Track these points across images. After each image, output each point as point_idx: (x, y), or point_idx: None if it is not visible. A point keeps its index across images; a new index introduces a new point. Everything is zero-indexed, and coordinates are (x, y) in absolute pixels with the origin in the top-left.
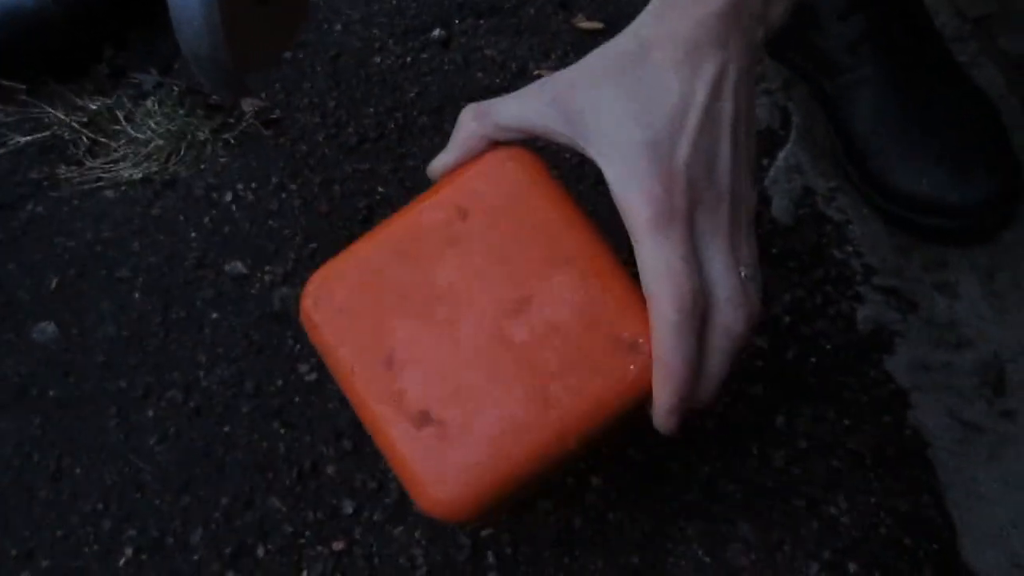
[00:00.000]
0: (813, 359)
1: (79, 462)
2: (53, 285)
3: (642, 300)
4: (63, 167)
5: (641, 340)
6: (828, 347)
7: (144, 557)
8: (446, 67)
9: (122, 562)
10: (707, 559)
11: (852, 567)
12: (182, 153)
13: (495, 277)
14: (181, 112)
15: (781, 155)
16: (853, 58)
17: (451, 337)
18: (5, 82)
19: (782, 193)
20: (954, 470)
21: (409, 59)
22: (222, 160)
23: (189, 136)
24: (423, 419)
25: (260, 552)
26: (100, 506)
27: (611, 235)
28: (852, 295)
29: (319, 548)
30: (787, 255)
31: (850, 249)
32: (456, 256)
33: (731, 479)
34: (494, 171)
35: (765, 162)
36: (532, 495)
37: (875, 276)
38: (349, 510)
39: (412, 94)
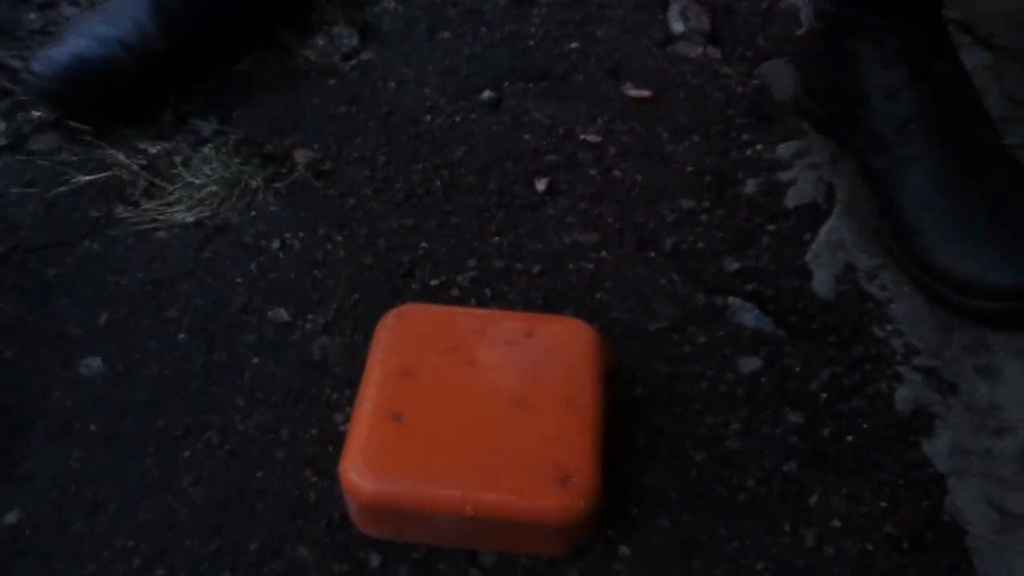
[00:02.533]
0: (850, 438)
1: (115, 497)
2: (103, 321)
3: (593, 452)
4: (120, 207)
5: (574, 479)
6: (866, 426)
7: None
8: (494, 128)
9: None
10: None
11: None
12: (234, 200)
13: (515, 380)
14: (236, 160)
15: (824, 230)
16: (901, 136)
17: (461, 390)
18: (73, 123)
19: (824, 268)
20: (992, 560)
21: (459, 119)
22: (272, 208)
23: (242, 183)
24: (397, 416)
25: None
26: (132, 543)
27: None
28: (892, 374)
29: None
30: (827, 331)
31: (891, 328)
32: (503, 350)
33: (761, 556)
34: (566, 328)
35: (807, 236)
36: (429, 539)
37: (916, 356)
38: (375, 564)
39: (460, 153)
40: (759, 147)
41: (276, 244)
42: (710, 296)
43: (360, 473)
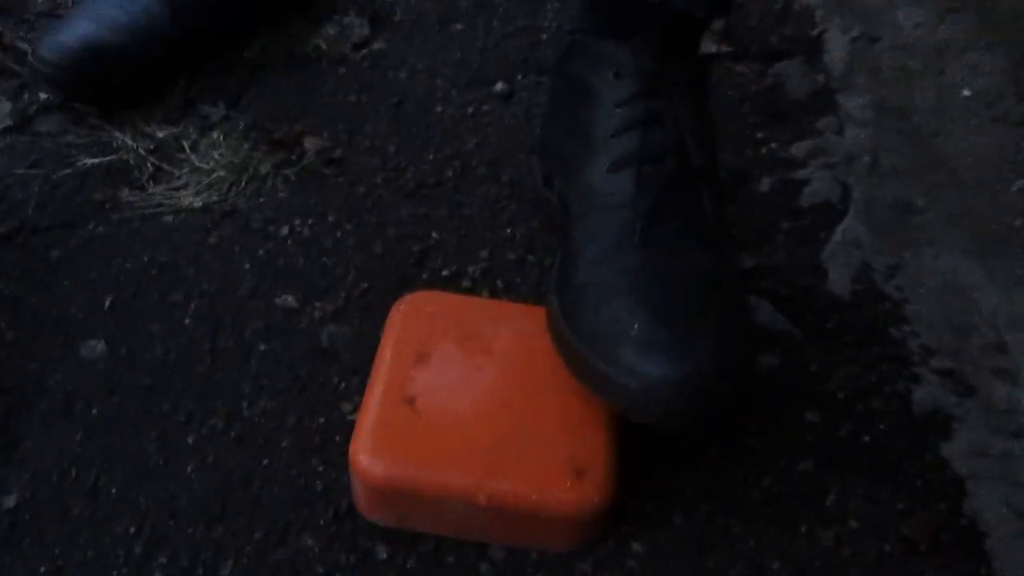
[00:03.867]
0: (867, 438)
1: (116, 482)
2: (107, 304)
3: (608, 446)
4: (126, 190)
5: (589, 472)
6: (883, 427)
7: None
8: (506, 120)
9: None
10: None
11: None
12: (243, 185)
13: (530, 371)
14: (245, 146)
15: (839, 229)
16: (612, 180)
17: (474, 378)
18: (79, 106)
19: (840, 267)
20: (1011, 563)
21: (471, 110)
22: (281, 195)
23: (251, 169)
24: (409, 401)
25: None
26: (133, 529)
27: None
28: (909, 375)
29: None
30: (843, 330)
31: (907, 328)
32: (518, 341)
33: (777, 556)
34: None
35: (823, 235)
36: (436, 529)
37: (933, 357)
38: (383, 555)
39: (471, 144)
40: (774, 145)
41: (285, 231)
42: None
43: (371, 455)
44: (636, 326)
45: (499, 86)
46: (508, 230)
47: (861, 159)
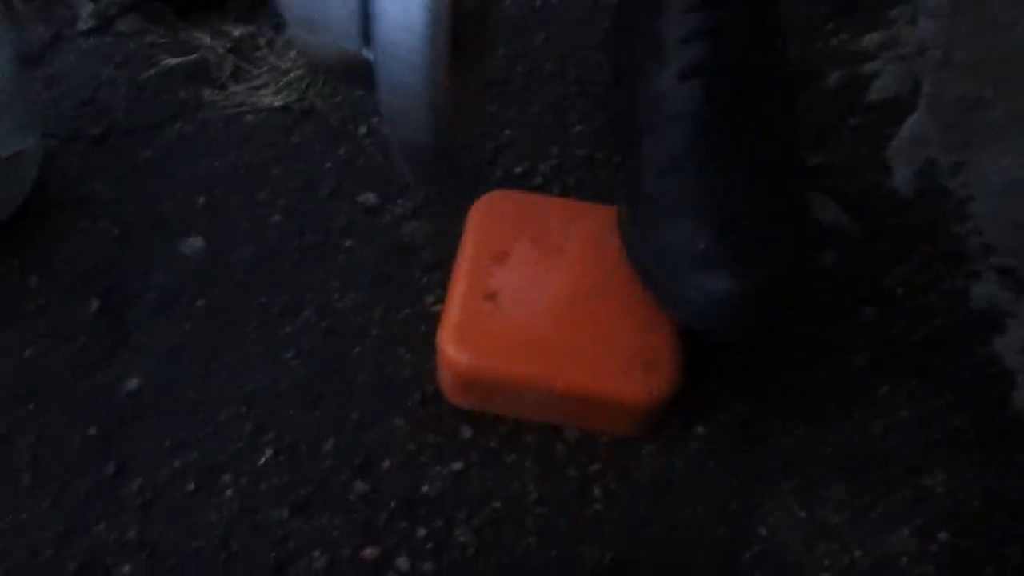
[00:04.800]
0: (922, 333)
1: (223, 368)
2: (200, 203)
3: (674, 338)
4: (208, 90)
5: (656, 364)
6: (938, 323)
7: (282, 459)
8: (573, 13)
9: (262, 461)
10: (801, 514)
11: (942, 536)
12: (320, 85)
13: (601, 269)
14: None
15: (907, 124)
16: (680, 88)
17: (549, 275)
18: (156, 5)
19: (904, 165)
20: None
21: (539, 3)
22: (358, 94)
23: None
24: (490, 296)
25: (385, 465)
26: (243, 409)
27: None
28: (967, 272)
29: (439, 467)
30: (905, 228)
31: (970, 226)
32: (590, 240)
33: (829, 442)
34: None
35: (890, 131)
36: (515, 413)
37: (993, 255)
38: (467, 435)
39: (539, 40)
40: (844, 37)
41: (363, 130)
42: None
43: (457, 347)
44: (701, 242)
45: None
46: (577, 127)
47: (933, 51)
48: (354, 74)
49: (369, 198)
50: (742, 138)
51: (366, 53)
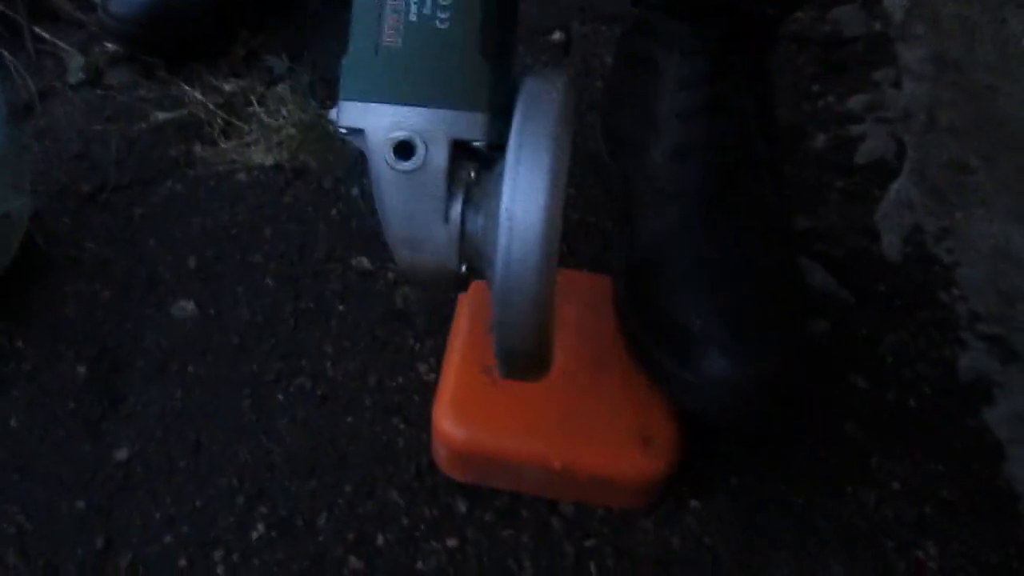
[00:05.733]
0: (912, 402)
1: (216, 438)
2: (192, 264)
3: (673, 415)
4: (199, 146)
5: (656, 440)
6: (928, 392)
7: (274, 535)
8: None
9: (254, 536)
10: None
11: None
12: (312, 143)
13: (598, 342)
14: (313, 103)
15: (893, 188)
16: (673, 166)
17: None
18: (146, 58)
19: (891, 229)
20: None
21: (528, 60)
22: (351, 155)
23: (319, 127)
24: (487, 369)
25: (380, 541)
26: (235, 481)
27: None
28: (955, 340)
29: (434, 543)
30: (893, 294)
31: (956, 292)
32: (585, 311)
33: (824, 515)
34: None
35: (877, 194)
36: (511, 486)
37: (979, 323)
38: (463, 509)
39: None
40: (830, 99)
41: (356, 191)
42: None
43: (453, 421)
44: (698, 322)
45: (556, 35)
46: (570, 190)
47: (917, 115)
48: (446, 284)
49: (363, 262)
50: (738, 216)
51: (461, 267)
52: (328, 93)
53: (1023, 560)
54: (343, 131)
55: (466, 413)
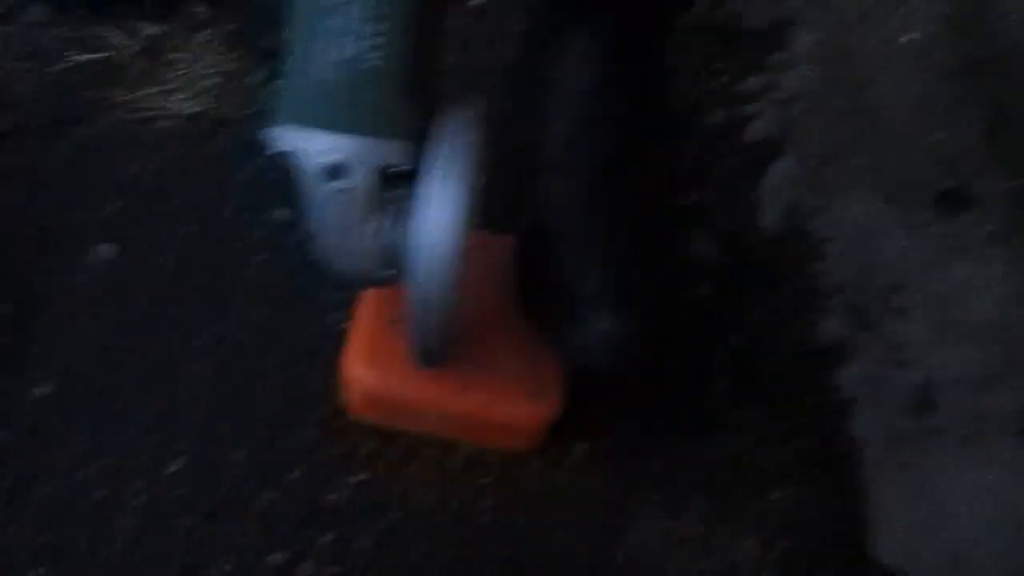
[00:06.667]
0: (776, 362)
1: (133, 378)
2: (109, 210)
3: (555, 367)
4: (120, 90)
5: (544, 389)
6: (791, 353)
7: (190, 470)
8: (483, 36)
9: (172, 470)
10: (665, 524)
11: (782, 544)
12: (233, 94)
13: (497, 299)
14: (234, 54)
15: (776, 167)
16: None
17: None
18: None
19: (772, 205)
20: (880, 478)
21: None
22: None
23: (241, 79)
24: (394, 321)
25: (293, 475)
26: (151, 419)
27: None
28: (819, 308)
29: (342, 478)
30: (769, 264)
31: (823, 266)
32: (485, 270)
33: (690, 459)
34: None
35: (761, 171)
36: (415, 428)
37: (841, 293)
38: (370, 447)
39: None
40: (726, 79)
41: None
42: None
43: (363, 367)
44: (583, 284)
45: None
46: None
47: (804, 99)
48: (370, 285)
49: (283, 214)
50: (626, 188)
51: (387, 274)
52: (252, 43)
53: (858, 503)
54: (277, 153)
55: (375, 360)
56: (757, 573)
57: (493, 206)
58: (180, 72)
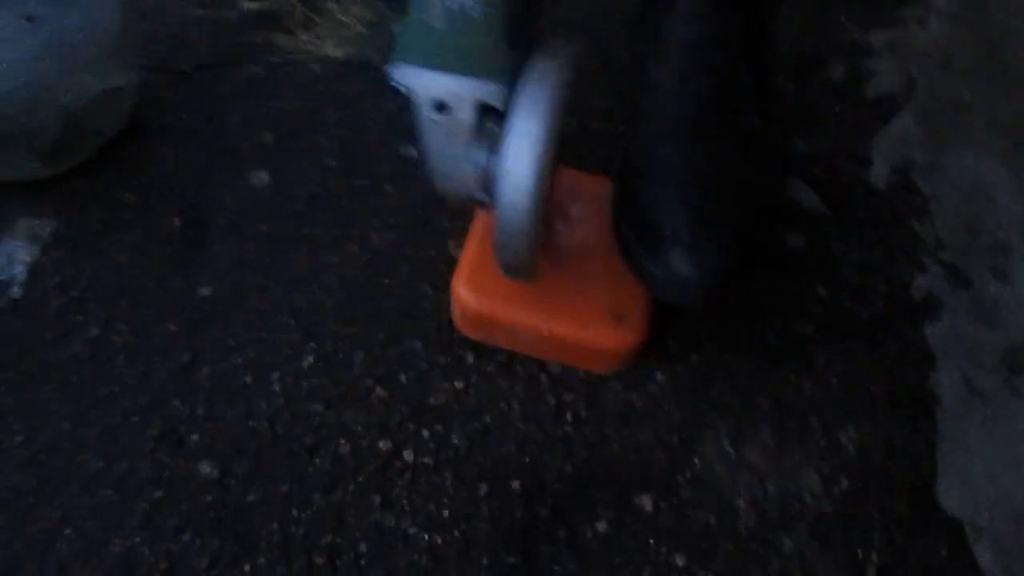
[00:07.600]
0: (864, 312)
1: (279, 285)
2: (267, 140)
3: (644, 297)
4: (279, 35)
5: (628, 318)
6: (880, 305)
7: (320, 365)
8: None
9: (305, 365)
10: (731, 451)
11: (844, 483)
12: (376, 41)
13: (592, 234)
14: (380, 4)
15: (894, 121)
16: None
17: (551, 238)
18: None
19: (883, 160)
20: (954, 431)
21: None
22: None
23: (385, 27)
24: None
25: (402, 378)
26: (292, 321)
27: None
28: (916, 263)
29: (444, 383)
30: (872, 219)
31: (928, 222)
32: (588, 207)
33: (764, 393)
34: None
35: (877, 126)
36: (510, 346)
37: (942, 251)
38: (470, 359)
39: (578, 16)
40: (853, 31)
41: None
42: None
43: (467, 289)
44: (670, 223)
45: None
46: (595, 101)
47: (934, 54)
48: (469, 205)
49: (411, 150)
50: (719, 135)
51: (483, 196)
52: None
53: (928, 451)
54: (397, 86)
55: (478, 283)
56: (818, 506)
57: (601, 149)
58: (331, 21)
